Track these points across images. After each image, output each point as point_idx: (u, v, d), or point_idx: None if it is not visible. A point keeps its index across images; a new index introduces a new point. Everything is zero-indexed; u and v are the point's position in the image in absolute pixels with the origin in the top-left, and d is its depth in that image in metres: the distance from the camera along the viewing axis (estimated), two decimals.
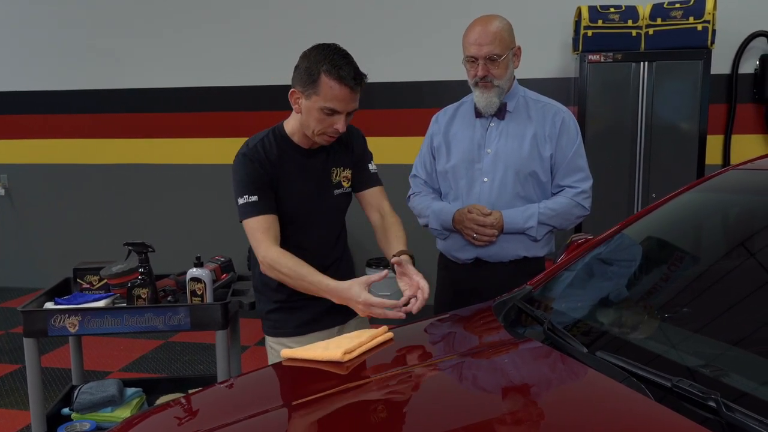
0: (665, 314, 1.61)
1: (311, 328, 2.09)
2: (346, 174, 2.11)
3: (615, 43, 4.40)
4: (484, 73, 2.23)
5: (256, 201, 1.91)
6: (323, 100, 1.83)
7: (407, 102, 5.18)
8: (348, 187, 2.12)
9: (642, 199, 4.47)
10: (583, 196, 2.30)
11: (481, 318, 1.91)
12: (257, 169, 1.92)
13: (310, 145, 2.01)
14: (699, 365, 1.35)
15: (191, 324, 2.23)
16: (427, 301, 1.96)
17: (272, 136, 2.00)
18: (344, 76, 1.81)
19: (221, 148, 5.53)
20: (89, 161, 5.86)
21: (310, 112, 1.87)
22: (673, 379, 1.26)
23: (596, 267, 1.96)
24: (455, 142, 2.38)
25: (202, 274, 2.27)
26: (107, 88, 5.72)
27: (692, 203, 1.98)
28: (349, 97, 1.84)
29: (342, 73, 1.81)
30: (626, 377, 1.33)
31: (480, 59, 2.22)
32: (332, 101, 1.83)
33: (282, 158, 1.97)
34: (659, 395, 1.26)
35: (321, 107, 1.84)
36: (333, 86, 1.82)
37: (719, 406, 1.17)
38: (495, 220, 2.23)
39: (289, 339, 2.09)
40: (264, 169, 1.93)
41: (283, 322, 2.10)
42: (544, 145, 2.28)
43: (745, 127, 4.75)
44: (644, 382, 1.30)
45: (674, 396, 1.25)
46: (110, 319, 2.22)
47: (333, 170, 2.08)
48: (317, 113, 1.86)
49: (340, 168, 2.10)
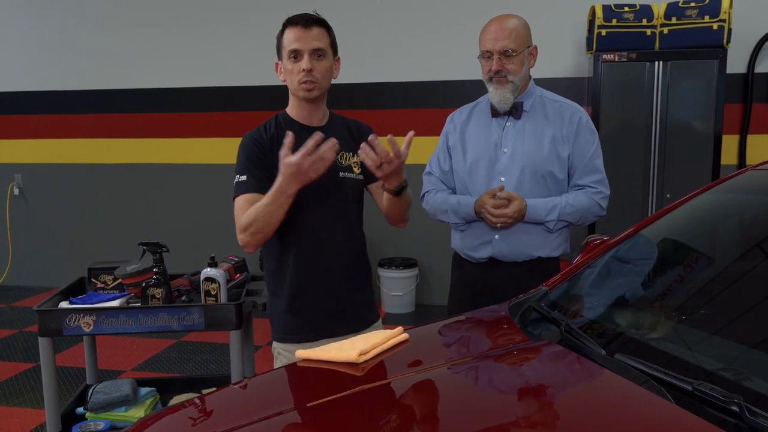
0: (684, 316, 1.59)
1: (321, 335, 2.04)
2: (356, 160, 2.07)
3: (629, 42, 4.37)
4: (498, 67, 2.21)
5: (244, 180, 1.96)
6: (285, 47, 1.95)
7: (418, 102, 5.17)
8: (359, 173, 2.07)
9: (656, 199, 4.44)
10: (601, 197, 2.28)
11: (497, 319, 1.90)
12: (252, 149, 1.99)
13: (310, 120, 2.03)
14: (720, 368, 1.33)
15: (205, 324, 2.23)
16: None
17: (274, 118, 2.08)
18: (294, 20, 1.94)
19: (235, 147, 5.54)
20: (103, 161, 5.89)
21: (285, 68, 1.98)
22: (694, 382, 1.24)
23: (613, 268, 1.94)
24: (471, 141, 2.37)
25: (216, 274, 2.27)
26: (121, 88, 5.74)
27: (710, 204, 1.96)
28: (303, 35, 1.92)
29: (293, 18, 1.95)
30: (646, 380, 1.32)
31: (495, 54, 2.21)
32: (290, 44, 1.93)
33: (281, 134, 1.95)
34: (680, 399, 1.25)
35: (287, 54, 1.95)
36: (288, 33, 1.95)
37: (742, 410, 1.15)
38: (516, 210, 2.21)
39: (298, 345, 2.03)
40: (260, 148, 1.98)
41: (293, 327, 2.07)
42: (563, 146, 2.27)
43: (761, 127, 4.70)
44: (664, 386, 1.29)
45: (695, 399, 1.23)
46: (125, 319, 2.22)
47: (341, 153, 2.02)
48: (288, 63, 1.96)
49: (350, 153, 2.07)
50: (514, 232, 2.28)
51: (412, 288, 5.18)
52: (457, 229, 2.41)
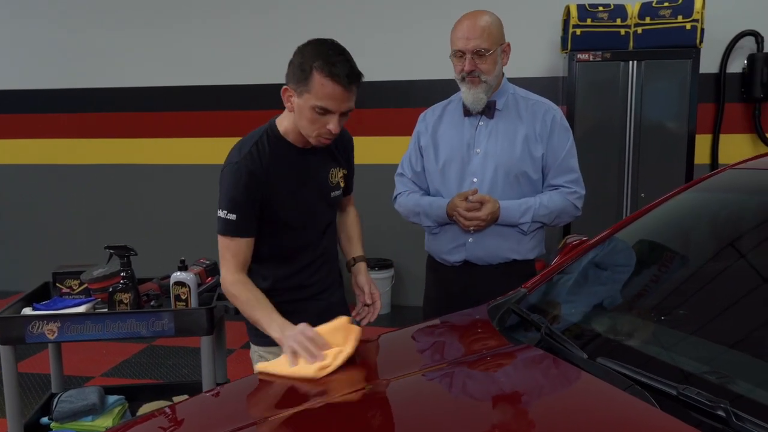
0: (666, 318, 1.57)
1: None
2: (342, 174, 2.05)
3: (604, 41, 4.36)
4: (471, 67, 2.17)
5: (234, 221, 1.81)
6: (315, 98, 1.72)
7: (394, 101, 5.12)
8: (344, 187, 2.08)
9: (631, 199, 4.44)
10: (576, 197, 2.25)
11: (476, 322, 1.86)
12: (245, 183, 1.81)
13: (305, 143, 1.89)
14: (705, 371, 1.31)
15: (175, 330, 2.15)
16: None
17: (266, 138, 1.88)
18: (337, 74, 1.69)
19: (205, 148, 5.46)
20: (70, 161, 5.73)
21: (303, 111, 1.76)
22: (679, 386, 1.22)
23: (593, 269, 1.91)
24: (443, 141, 2.33)
25: (186, 277, 2.20)
26: (88, 87, 5.59)
27: (689, 203, 1.94)
28: (342, 96, 1.72)
29: (335, 70, 1.69)
30: (630, 385, 1.29)
31: (467, 53, 2.16)
32: (324, 100, 1.71)
33: (277, 162, 1.86)
34: (665, 404, 1.22)
35: (313, 106, 1.73)
36: (325, 84, 1.70)
37: (729, 415, 1.12)
38: (489, 212, 2.17)
39: (274, 348, 1.98)
40: (255, 181, 1.82)
41: None
42: (536, 145, 2.23)
43: (733, 127, 4.73)
44: (649, 390, 1.25)
45: (681, 404, 1.20)
46: (91, 326, 2.14)
47: (331, 171, 2.01)
48: (309, 112, 1.75)
49: (337, 168, 2.03)
50: (488, 235, 2.24)
51: (387, 289, 5.14)
52: (430, 232, 2.37)
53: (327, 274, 2.05)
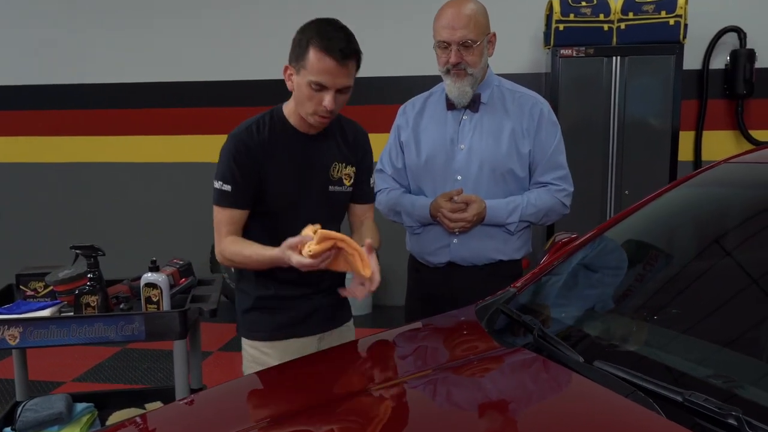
0: (667, 319, 1.48)
1: (290, 332, 1.95)
2: (348, 171, 1.94)
3: (587, 37, 4.31)
4: (457, 60, 2.07)
5: (229, 192, 1.80)
6: (310, 73, 1.71)
7: (371, 98, 5.01)
8: (349, 186, 1.94)
9: (615, 196, 4.39)
10: (564, 194, 2.17)
11: (464, 324, 1.77)
12: (242, 155, 1.80)
13: (308, 129, 1.86)
14: (713, 375, 1.22)
15: (146, 334, 2.03)
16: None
17: (267, 118, 1.87)
18: (330, 47, 1.68)
19: (177, 146, 5.33)
20: (36, 160, 5.54)
21: (300, 88, 1.75)
22: (685, 392, 1.13)
23: (586, 268, 1.83)
24: (425, 136, 2.22)
25: (157, 279, 2.08)
26: (56, 83, 5.42)
27: (684, 199, 1.87)
28: (336, 70, 1.69)
29: (329, 44, 1.68)
30: (632, 391, 1.20)
31: (453, 44, 2.06)
32: (318, 74, 1.70)
33: (275, 141, 1.84)
34: (670, 411, 1.13)
35: (309, 81, 1.72)
36: (319, 58, 1.69)
37: (741, 423, 1.04)
38: (475, 213, 2.08)
39: (265, 343, 1.95)
40: (250, 155, 1.80)
41: (260, 323, 1.95)
42: (523, 141, 2.14)
43: (716, 123, 4.71)
44: (652, 397, 1.17)
45: (687, 412, 1.12)
46: (55, 330, 2.01)
47: (335, 165, 1.91)
48: (306, 89, 1.73)
49: (343, 164, 1.92)
50: (474, 235, 2.14)
51: None
52: (412, 232, 2.27)
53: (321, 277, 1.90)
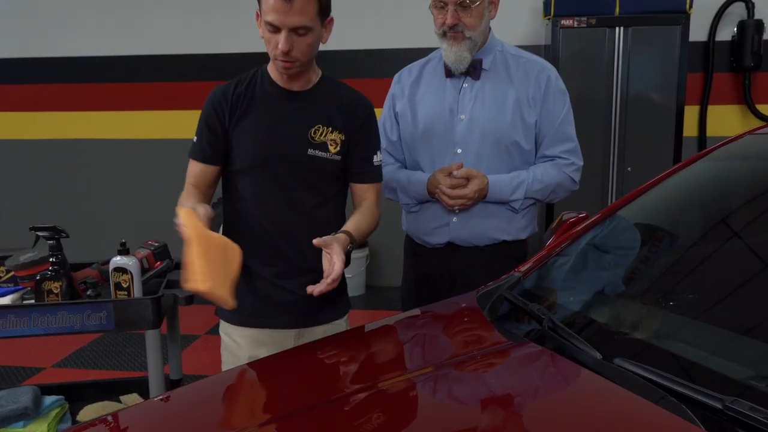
0: (701, 309, 1.31)
1: (263, 322, 1.78)
2: (335, 137, 1.74)
3: (588, 6, 4.12)
4: (453, 21, 1.89)
5: (194, 142, 1.76)
6: (264, 13, 1.61)
7: (363, 71, 4.80)
8: (336, 153, 1.73)
9: (617, 174, 4.22)
10: (573, 168, 2.00)
11: (465, 313, 1.60)
12: (212, 105, 1.74)
13: (289, 83, 1.73)
14: (759, 378, 1.06)
15: (115, 323, 1.86)
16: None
17: (252, 73, 1.79)
18: None
19: (151, 121, 5.11)
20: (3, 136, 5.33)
21: (262, 32, 1.66)
22: (726, 398, 0.97)
23: (600, 250, 1.66)
24: (422, 106, 2.04)
25: (127, 263, 1.90)
26: (16, 57, 5.18)
27: (707, 173, 1.70)
28: (282, 8, 1.56)
29: None
30: (661, 396, 1.04)
31: (449, 4, 1.88)
32: (267, 13, 1.59)
33: (251, 95, 1.74)
34: (708, 421, 0.97)
35: (264, 22, 1.62)
36: None
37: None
38: (476, 189, 1.90)
39: (235, 329, 1.81)
40: (218, 108, 1.73)
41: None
42: (529, 111, 1.96)
43: (721, 98, 4.52)
44: (686, 403, 1.01)
45: (728, 421, 0.96)
46: (14, 320, 1.83)
47: (318, 127, 1.72)
48: (264, 31, 1.63)
49: (329, 128, 1.73)
50: (475, 213, 1.97)
51: (362, 269, 4.87)
52: (409, 210, 2.09)
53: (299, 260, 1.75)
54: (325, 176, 1.76)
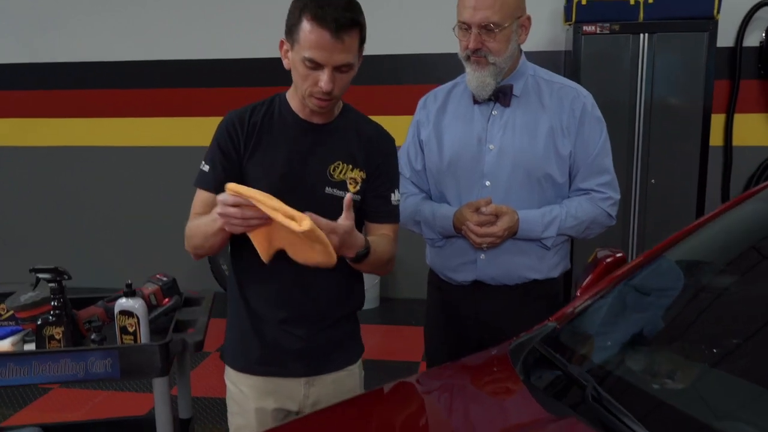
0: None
1: (270, 370, 1.67)
2: (355, 175, 1.62)
3: (611, 12, 3.97)
4: (476, 45, 1.76)
5: (206, 172, 1.62)
6: (303, 48, 1.48)
7: (386, 78, 4.67)
8: (355, 192, 1.61)
9: (640, 185, 4.07)
10: (610, 203, 1.86)
11: (495, 373, 1.47)
12: (227, 131, 1.62)
13: (311, 116, 1.62)
14: None
15: (121, 371, 1.74)
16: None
17: (269, 101, 1.68)
18: (323, 17, 1.43)
19: (158, 128, 5.01)
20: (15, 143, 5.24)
21: (296, 65, 1.53)
22: None
23: (644, 298, 1.52)
24: (448, 134, 1.91)
25: (134, 306, 1.78)
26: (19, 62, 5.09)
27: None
28: (330, 45, 1.45)
29: (321, 12, 1.44)
30: None
31: (473, 27, 1.75)
32: (311, 49, 1.46)
33: (269, 126, 1.63)
34: None
35: (302, 58, 1.48)
36: (311, 29, 1.45)
37: None
38: (506, 227, 1.78)
39: (240, 376, 1.70)
40: (234, 138, 1.62)
41: (239, 351, 1.71)
42: (563, 141, 1.82)
43: (748, 106, 4.37)
44: None
45: None
46: (15, 368, 1.72)
47: (337, 164, 1.61)
48: (301, 67, 1.50)
49: (349, 166, 1.61)
50: (504, 250, 1.84)
51: (376, 282, 4.75)
52: (433, 244, 1.97)
53: (310, 305, 1.64)
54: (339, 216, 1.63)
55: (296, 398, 1.69)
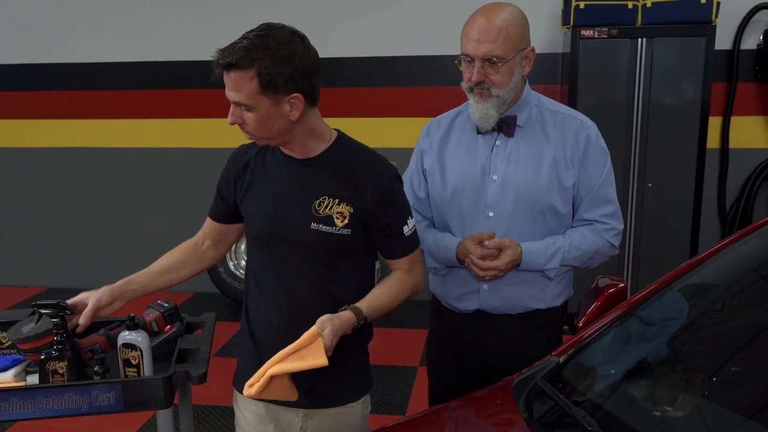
0: None
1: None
2: (342, 210, 1.59)
3: (609, 16, 3.95)
4: (479, 78, 1.73)
5: (213, 202, 1.79)
6: None
7: (379, 80, 4.64)
8: (343, 227, 1.58)
9: (637, 190, 4.08)
10: (613, 234, 1.85)
11: (498, 412, 1.48)
12: (226, 169, 1.74)
13: (290, 150, 1.64)
14: None
15: (124, 404, 1.73)
16: None
17: None
18: (216, 57, 1.50)
19: (158, 129, 4.93)
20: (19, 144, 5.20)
21: None
22: None
23: (649, 337, 1.53)
24: (452, 164, 1.90)
25: (136, 339, 1.77)
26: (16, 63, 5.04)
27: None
28: (226, 80, 1.50)
29: (217, 54, 1.51)
30: None
31: (476, 60, 1.73)
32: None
33: (259, 159, 1.69)
34: None
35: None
36: None
37: None
38: (509, 261, 1.77)
39: (245, 400, 1.74)
40: (233, 168, 1.71)
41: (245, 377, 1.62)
42: (566, 172, 1.81)
43: (745, 108, 4.36)
44: None
45: None
46: (18, 403, 1.72)
47: (322, 198, 1.59)
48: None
49: (335, 200, 1.59)
50: (507, 281, 1.83)
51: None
52: (436, 273, 1.97)
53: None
54: (331, 252, 1.61)
55: (293, 430, 1.69)
